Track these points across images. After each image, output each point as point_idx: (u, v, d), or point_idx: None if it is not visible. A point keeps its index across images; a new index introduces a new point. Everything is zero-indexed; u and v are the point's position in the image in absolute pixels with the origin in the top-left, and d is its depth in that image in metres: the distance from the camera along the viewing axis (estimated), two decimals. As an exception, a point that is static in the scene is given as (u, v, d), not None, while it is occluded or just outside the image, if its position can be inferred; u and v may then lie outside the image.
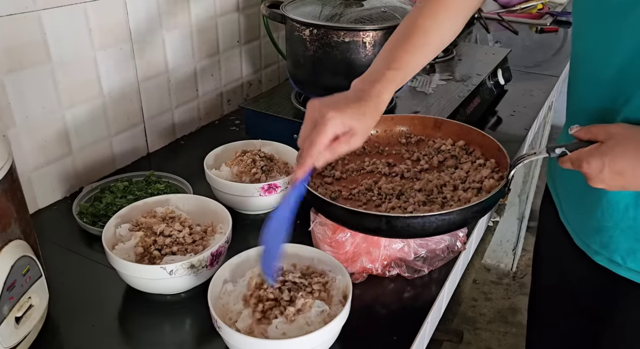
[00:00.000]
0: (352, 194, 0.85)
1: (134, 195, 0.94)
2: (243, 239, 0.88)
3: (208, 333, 0.70)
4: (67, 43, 0.91)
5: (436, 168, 0.90)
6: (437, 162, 0.90)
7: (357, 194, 0.84)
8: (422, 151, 0.94)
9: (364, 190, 0.85)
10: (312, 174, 0.84)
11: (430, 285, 0.81)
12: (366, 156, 0.94)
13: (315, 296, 0.67)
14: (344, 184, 0.88)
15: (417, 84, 1.27)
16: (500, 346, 1.97)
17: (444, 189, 0.83)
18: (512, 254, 2.29)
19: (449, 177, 0.85)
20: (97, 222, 0.89)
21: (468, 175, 0.85)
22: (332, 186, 0.88)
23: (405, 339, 0.71)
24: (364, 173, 0.90)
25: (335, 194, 0.85)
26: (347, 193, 0.85)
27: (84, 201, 0.95)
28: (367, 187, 0.86)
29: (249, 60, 1.38)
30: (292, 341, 0.61)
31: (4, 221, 0.62)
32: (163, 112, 1.16)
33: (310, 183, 0.82)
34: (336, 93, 0.71)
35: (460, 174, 0.85)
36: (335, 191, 0.85)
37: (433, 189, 0.83)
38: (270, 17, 1.13)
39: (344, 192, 0.85)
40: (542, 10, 2.16)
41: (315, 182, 0.87)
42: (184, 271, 0.72)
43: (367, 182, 0.87)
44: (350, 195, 0.85)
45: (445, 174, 0.86)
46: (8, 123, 0.86)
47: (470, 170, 0.86)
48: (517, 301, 2.17)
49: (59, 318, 0.74)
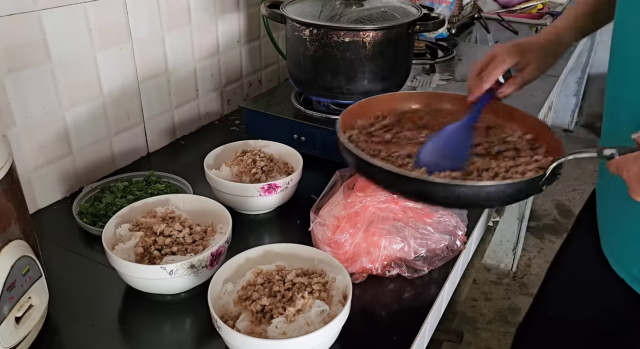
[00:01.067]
0: (390, 156, 0.82)
1: (133, 195, 0.94)
2: (243, 239, 0.88)
3: (208, 333, 0.70)
4: (67, 43, 0.91)
5: (492, 156, 0.82)
6: (495, 151, 0.83)
7: (395, 158, 0.81)
8: (485, 138, 0.87)
9: (404, 155, 0.82)
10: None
11: (430, 285, 0.81)
12: (426, 129, 0.90)
13: (315, 296, 0.67)
14: (389, 146, 0.85)
15: (417, 84, 1.27)
16: (500, 346, 1.97)
17: (483, 173, 0.77)
18: (512, 254, 2.29)
19: (495, 164, 0.79)
20: (97, 222, 0.89)
21: (516, 165, 0.78)
22: (377, 145, 0.85)
23: (405, 339, 0.71)
24: (415, 143, 0.86)
25: (375, 152, 0.82)
26: (387, 154, 0.82)
27: (84, 201, 0.94)
28: (408, 154, 0.82)
29: (249, 61, 1.38)
30: (292, 341, 0.61)
31: (4, 221, 0.62)
32: (163, 112, 1.16)
33: (354, 137, 0.85)
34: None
35: (508, 164, 0.79)
36: (375, 150, 0.83)
37: (473, 171, 0.77)
38: (270, 17, 1.13)
39: (383, 153, 0.82)
40: (542, 10, 2.16)
41: (359, 137, 0.85)
42: (184, 271, 0.72)
43: (411, 150, 0.83)
44: (389, 156, 0.82)
45: (494, 162, 0.80)
46: (8, 123, 0.86)
47: (522, 164, 0.79)
48: (517, 301, 2.17)
49: (59, 318, 0.74)
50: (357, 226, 0.80)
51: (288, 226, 0.94)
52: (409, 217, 0.82)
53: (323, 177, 0.96)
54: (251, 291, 0.68)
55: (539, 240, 2.50)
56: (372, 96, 1.11)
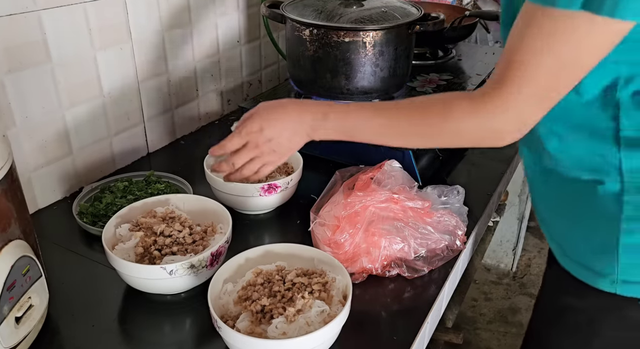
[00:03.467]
0: None
1: (133, 195, 0.94)
2: (243, 239, 0.88)
3: (208, 333, 0.70)
4: (67, 43, 0.91)
5: None
6: None
7: None
8: None
9: None
10: None
11: (430, 285, 0.81)
12: None
13: (315, 296, 0.67)
14: None
15: (417, 84, 1.27)
16: (500, 346, 1.97)
17: None
18: (512, 254, 2.29)
19: None
20: (97, 222, 0.89)
21: None
22: None
23: (405, 339, 0.71)
24: None
25: None
26: None
27: (84, 201, 0.94)
28: None
29: (249, 60, 1.38)
30: (292, 341, 0.61)
31: (4, 221, 0.62)
32: (163, 112, 1.16)
33: None
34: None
35: None
36: None
37: None
38: (270, 17, 1.13)
39: None
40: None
41: None
42: (184, 271, 0.72)
43: None
44: None
45: None
46: (8, 123, 0.86)
47: None
48: (517, 301, 2.17)
49: (59, 318, 0.74)
50: (357, 226, 0.79)
51: (288, 226, 0.94)
52: (409, 217, 0.82)
53: (323, 177, 0.96)
54: (251, 291, 0.68)
55: (539, 240, 2.49)
56: (372, 95, 1.12)
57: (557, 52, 0.57)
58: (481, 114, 0.63)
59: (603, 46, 0.57)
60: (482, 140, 0.67)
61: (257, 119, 0.76)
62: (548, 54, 0.58)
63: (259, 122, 0.76)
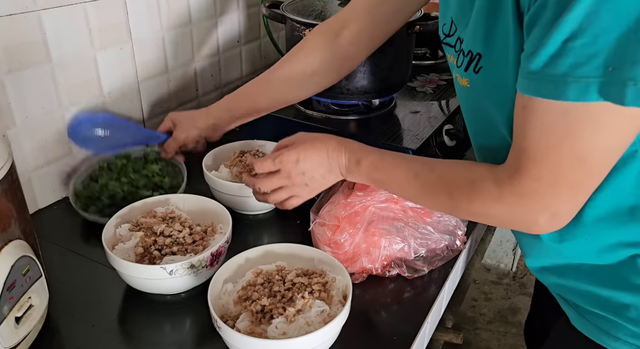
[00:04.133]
0: None
1: (128, 177, 0.94)
2: (243, 239, 0.88)
3: (208, 333, 0.70)
4: (67, 43, 0.91)
5: None
6: None
7: None
8: None
9: None
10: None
11: (430, 285, 0.81)
12: None
13: (315, 296, 0.67)
14: None
15: (417, 84, 1.27)
16: (500, 346, 1.97)
17: None
18: (512, 254, 2.29)
19: None
20: (90, 206, 0.89)
21: None
22: None
23: (405, 339, 0.71)
24: None
25: None
26: None
27: (80, 179, 0.95)
28: None
29: (249, 60, 1.38)
30: (292, 341, 0.61)
31: (4, 221, 0.62)
32: (163, 112, 1.16)
33: None
34: None
35: None
36: None
37: None
38: (270, 17, 1.13)
39: None
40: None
41: None
42: (184, 271, 0.72)
43: None
44: None
45: None
46: (8, 123, 0.86)
47: None
48: (517, 301, 2.17)
49: (59, 318, 0.74)
50: (357, 226, 0.79)
51: (288, 226, 0.94)
52: (409, 217, 0.82)
53: (323, 177, 0.96)
54: (251, 291, 0.68)
55: (539, 240, 2.49)
56: (372, 96, 1.11)
57: (571, 145, 0.53)
58: (507, 200, 0.60)
59: (628, 131, 0.53)
60: (513, 225, 0.65)
61: (295, 150, 0.75)
62: (562, 147, 0.54)
63: (296, 154, 0.75)
